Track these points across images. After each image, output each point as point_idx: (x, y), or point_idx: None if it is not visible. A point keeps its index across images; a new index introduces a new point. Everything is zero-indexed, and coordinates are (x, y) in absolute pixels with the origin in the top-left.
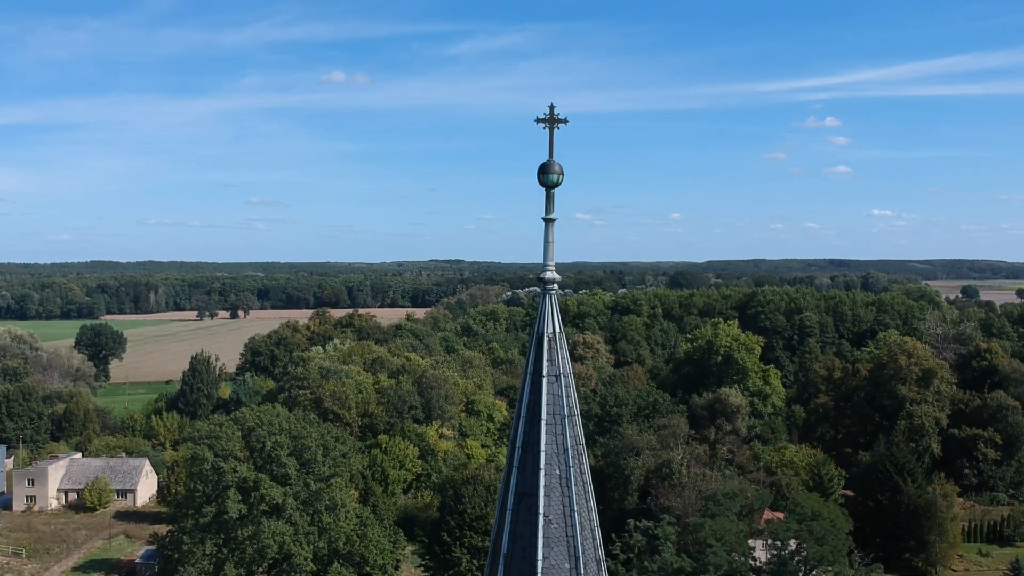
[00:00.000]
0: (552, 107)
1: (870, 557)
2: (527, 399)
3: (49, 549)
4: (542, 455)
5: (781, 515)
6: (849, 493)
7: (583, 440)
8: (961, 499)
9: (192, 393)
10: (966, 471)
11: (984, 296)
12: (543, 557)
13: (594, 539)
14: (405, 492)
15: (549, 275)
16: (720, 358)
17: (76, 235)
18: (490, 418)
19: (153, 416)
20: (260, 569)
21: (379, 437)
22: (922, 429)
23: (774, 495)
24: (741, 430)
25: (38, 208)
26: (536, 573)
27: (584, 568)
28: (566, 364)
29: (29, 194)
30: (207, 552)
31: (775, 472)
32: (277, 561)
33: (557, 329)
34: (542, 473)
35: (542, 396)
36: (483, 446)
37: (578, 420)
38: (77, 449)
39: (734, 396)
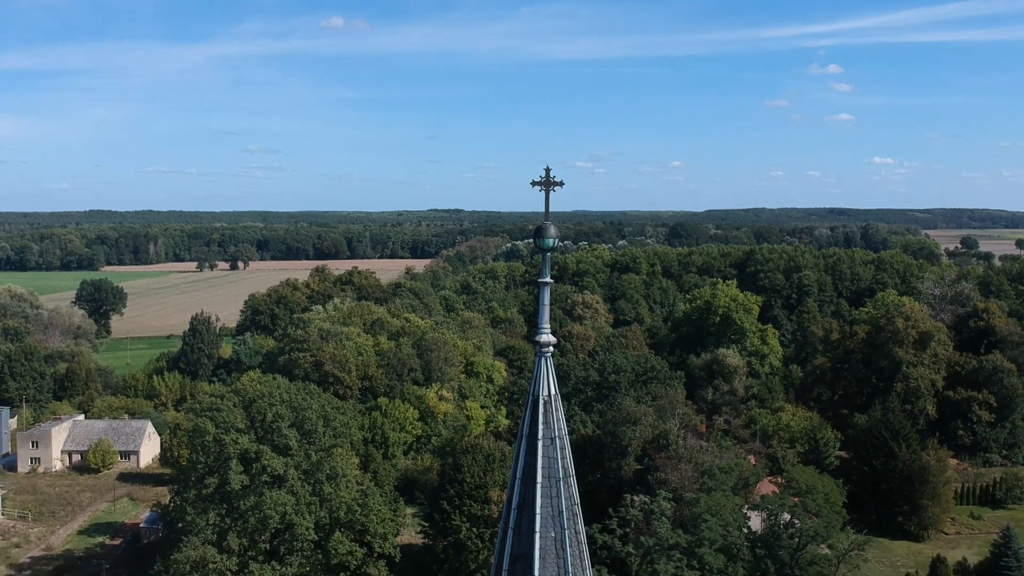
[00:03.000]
0: (548, 170)
1: (864, 530)
2: (523, 461)
3: (55, 512)
4: (537, 518)
5: (776, 488)
6: (844, 455)
7: (578, 501)
8: (955, 461)
9: (193, 353)
10: (960, 432)
11: (983, 246)
12: None
13: None
14: (405, 454)
15: (545, 338)
16: (718, 318)
17: (75, 183)
18: (489, 379)
19: (155, 376)
20: (263, 538)
21: (379, 400)
22: (918, 391)
23: (770, 466)
24: (738, 390)
25: (36, 156)
26: None
27: None
28: (561, 426)
29: (26, 142)
30: (210, 522)
31: (771, 438)
32: (279, 531)
33: (552, 391)
34: (537, 536)
35: (538, 459)
36: (482, 407)
37: (573, 481)
38: (80, 409)
39: (732, 357)
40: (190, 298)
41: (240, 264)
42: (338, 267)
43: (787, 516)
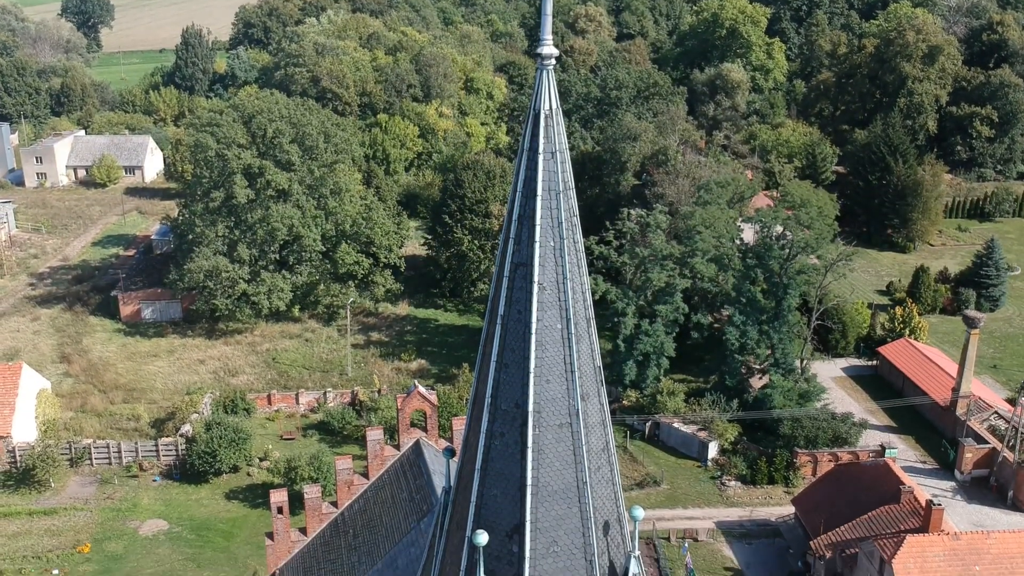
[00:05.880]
0: None
1: (853, 242)
2: (523, 175)
3: (67, 225)
4: (537, 228)
5: (771, 202)
6: (841, 170)
7: (577, 213)
8: (949, 176)
9: (187, 68)
10: (958, 148)
11: None
12: (537, 319)
13: (584, 301)
14: (407, 170)
15: (546, 49)
16: (724, 31)
17: None
18: (489, 96)
19: (151, 91)
20: (272, 249)
21: (379, 116)
22: (920, 107)
23: (766, 181)
24: (740, 106)
25: None
26: (530, 333)
27: (575, 327)
28: (562, 140)
29: None
30: (219, 234)
31: (770, 154)
32: (288, 242)
33: (554, 106)
34: (537, 245)
35: (538, 172)
36: (482, 124)
37: (572, 195)
38: (79, 125)
39: (736, 72)
40: (180, 9)
41: None
42: None
43: (779, 228)
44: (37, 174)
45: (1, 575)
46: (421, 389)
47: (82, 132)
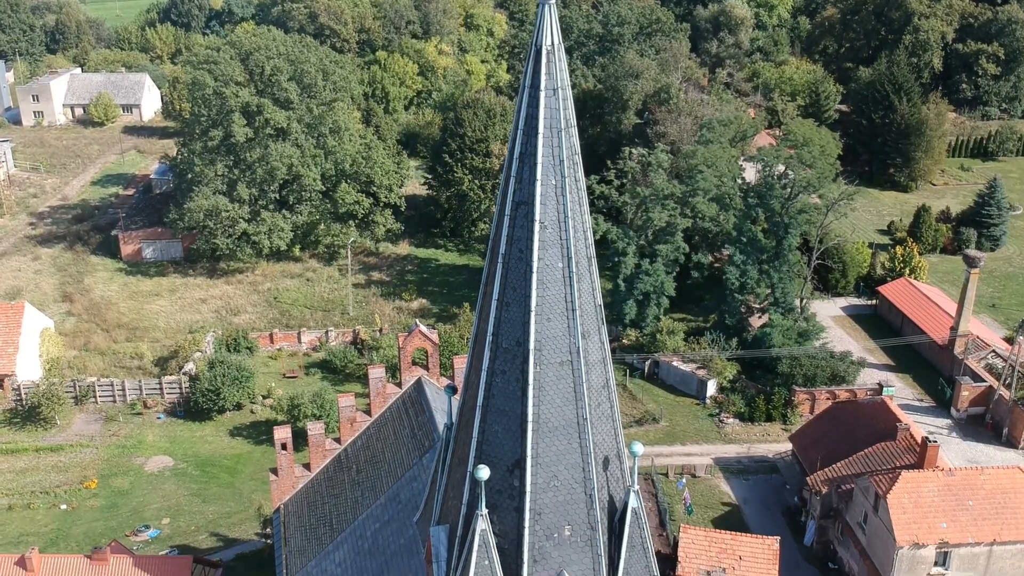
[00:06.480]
0: None
1: (855, 181)
2: (525, 112)
3: (65, 164)
4: (539, 166)
5: (773, 140)
6: (844, 109)
7: (579, 151)
8: (953, 115)
9: (183, 3)
10: (963, 86)
11: None
12: (538, 258)
13: (585, 240)
14: (406, 109)
15: None
16: None
17: None
18: (490, 32)
19: (147, 28)
20: (271, 189)
21: (377, 54)
22: (926, 44)
23: (769, 120)
24: (744, 43)
25: None
26: (532, 272)
27: (576, 266)
28: (564, 77)
29: None
30: (219, 173)
31: (773, 91)
32: (288, 182)
33: (556, 42)
34: (538, 183)
35: (540, 109)
36: (483, 62)
37: (574, 132)
38: (75, 63)
39: (739, 8)
40: None
41: None
42: None
43: (781, 167)
44: (34, 112)
45: (11, 510)
46: (422, 328)
47: (78, 70)
